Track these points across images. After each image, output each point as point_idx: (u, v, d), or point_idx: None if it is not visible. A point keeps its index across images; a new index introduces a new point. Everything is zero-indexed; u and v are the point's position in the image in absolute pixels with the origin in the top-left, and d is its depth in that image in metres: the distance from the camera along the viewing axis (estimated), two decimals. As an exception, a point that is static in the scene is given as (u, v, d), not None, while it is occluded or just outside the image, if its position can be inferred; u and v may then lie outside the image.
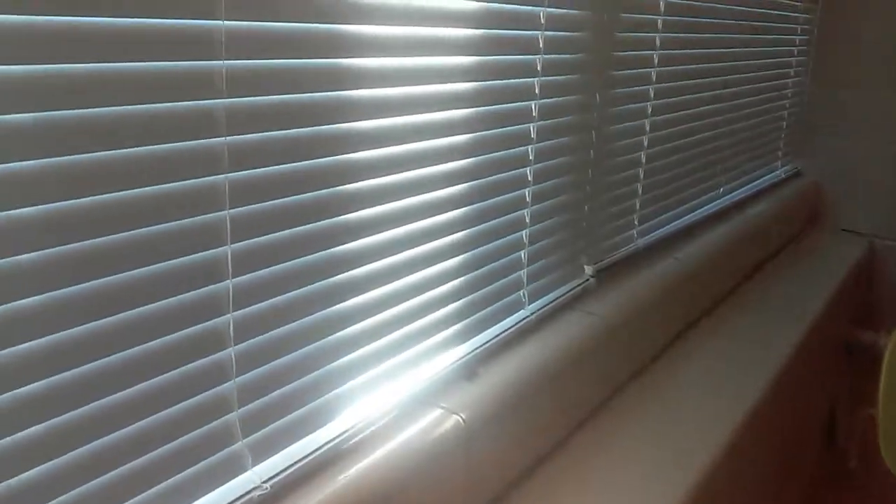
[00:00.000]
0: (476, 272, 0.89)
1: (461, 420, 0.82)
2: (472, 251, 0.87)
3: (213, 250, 0.58)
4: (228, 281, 0.59)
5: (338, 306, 0.70)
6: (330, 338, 0.70)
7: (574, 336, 1.03)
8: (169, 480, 0.58)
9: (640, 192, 1.23)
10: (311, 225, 0.65)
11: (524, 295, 1.00)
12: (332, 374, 0.71)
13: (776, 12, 1.66)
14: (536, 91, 0.91)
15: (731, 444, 1.06)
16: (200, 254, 0.57)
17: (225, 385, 0.61)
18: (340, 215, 0.68)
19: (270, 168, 0.61)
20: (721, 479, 1.04)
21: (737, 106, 1.54)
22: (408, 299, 0.79)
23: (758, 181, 1.80)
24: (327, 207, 0.67)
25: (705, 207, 1.51)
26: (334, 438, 0.70)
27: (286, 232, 0.63)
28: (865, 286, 2.04)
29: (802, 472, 1.84)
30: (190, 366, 0.58)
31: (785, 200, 1.87)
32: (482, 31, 0.80)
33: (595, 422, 1.08)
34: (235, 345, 0.61)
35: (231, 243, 0.59)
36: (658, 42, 1.17)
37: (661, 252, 1.33)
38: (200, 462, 0.60)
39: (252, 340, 0.62)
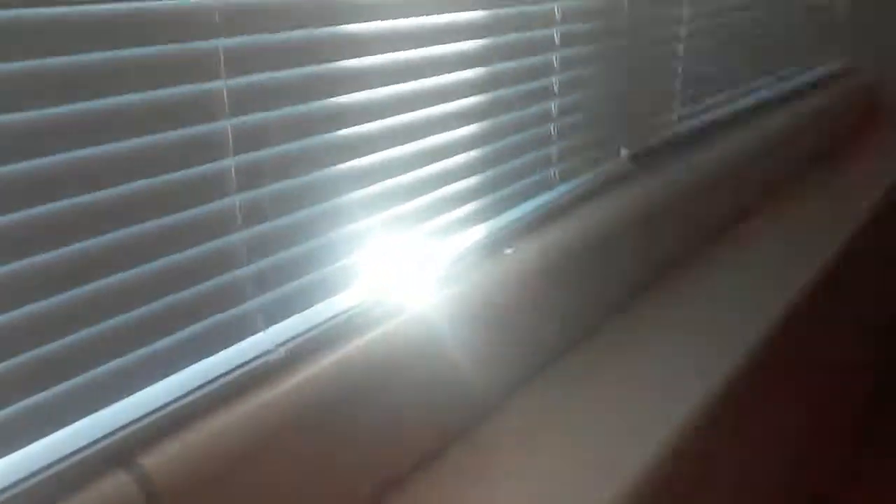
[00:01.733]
0: (500, 142, 0.83)
1: (473, 302, 0.77)
2: (495, 118, 0.81)
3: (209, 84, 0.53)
4: (226, 121, 0.55)
5: (348, 164, 0.65)
6: (343, 198, 0.65)
7: (605, 221, 0.97)
8: (178, 334, 0.55)
9: (679, 71, 1.15)
10: (320, 66, 0.60)
11: (554, 174, 0.94)
12: (345, 239, 0.67)
13: None
14: (561, -56, 0.84)
15: (762, 351, 0.99)
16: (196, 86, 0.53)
17: (232, 236, 0.57)
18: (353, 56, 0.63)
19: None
20: (748, 390, 0.98)
21: (786, -14, 1.43)
22: (424, 164, 0.74)
23: (810, 73, 1.68)
24: (339, 49, 0.61)
25: (751, 96, 1.42)
26: (349, 309, 0.66)
27: (293, 71, 0.58)
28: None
29: (850, 416, 1.76)
30: (194, 211, 0.54)
31: (839, 94, 1.75)
32: None
33: (623, 317, 1.02)
34: (239, 191, 0.57)
35: (227, 78, 0.54)
36: None
37: (704, 141, 1.26)
38: (211, 318, 0.57)
39: (257, 191, 0.58)
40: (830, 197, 1.50)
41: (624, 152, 1.07)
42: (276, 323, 0.62)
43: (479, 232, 0.83)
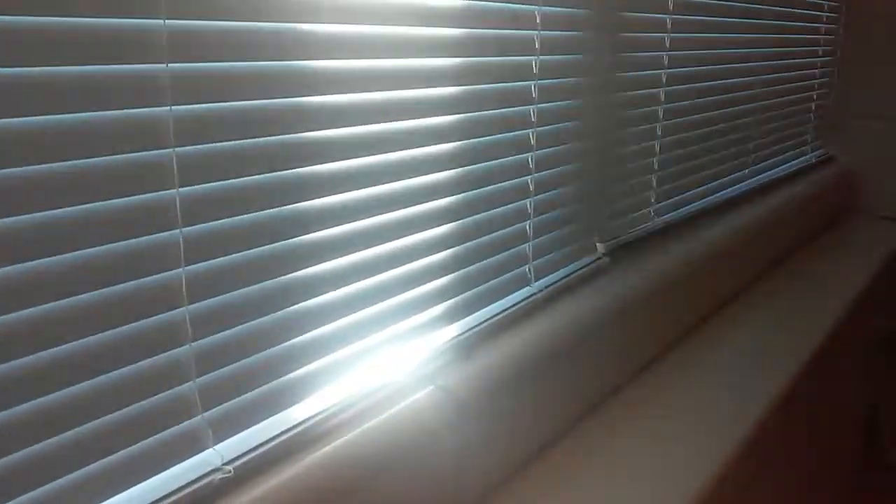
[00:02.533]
0: (473, 242, 0.82)
1: (453, 400, 0.75)
2: (467, 218, 0.80)
3: (160, 192, 0.52)
4: (178, 230, 0.53)
5: (307, 270, 0.63)
6: (299, 305, 0.63)
7: (583, 316, 0.96)
8: (121, 452, 0.52)
9: (656, 167, 1.15)
10: (275, 174, 0.59)
11: (530, 270, 0.93)
12: (304, 346, 0.64)
13: (801, -15, 1.57)
14: (537, 46, 0.85)
15: (751, 441, 0.97)
16: (148, 195, 0.51)
17: (181, 349, 0.55)
18: (309, 164, 0.62)
19: (215, 104, 0.55)
20: (740, 478, 0.96)
21: (759, 83, 1.46)
22: (392, 268, 0.72)
23: (786, 165, 1.71)
24: (296, 153, 0.60)
25: (729, 189, 1.43)
26: (309, 418, 0.64)
27: (246, 178, 0.57)
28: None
29: (840, 471, 1.73)
30: (141, 323, 0.52)
31: (815, 185, 1.77)
32: (472, -24, 0.74)
33: (604, 410, 1.00)
34: (190, 304, 0.55)
35: (179, 187, 0.53)
36: (671, 5, 1.10)
37: (681, 233, 1.25)
38: (156, 434, 0.54)
39: (209, 301, 0.56)
40: (810, 286, 1.50)
41: (600, 247, 1.06)
42: (226, 438, 0.59)
43: (453, 331, 0.81)
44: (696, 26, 1.18)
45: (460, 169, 0.78)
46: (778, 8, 1.47)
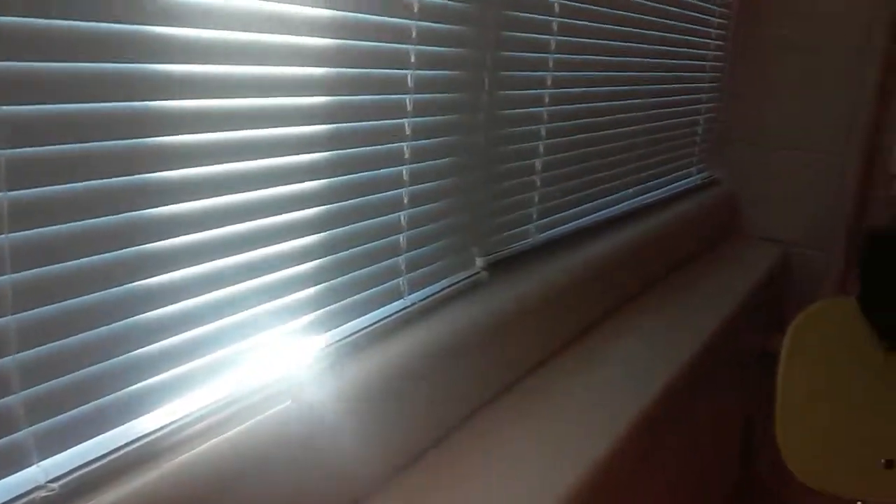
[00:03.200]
0: (341, 254, 0.81)
1: (311, 413, 0.74)
2: (335, 230, 0.80)
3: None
4: (4, 235, 0.51)
5: (153, 279, 0.61)
6: (142, 316, 0.61)
7: (457, 331, 0.96)
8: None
9: (538, 184, 1.18)
10: (123, 178, 0.57)
11: (403, 283, 0.93)
12: (149, 358, 0.62)
13: (689, 13, 1.64)
14: (412, 60, 0.85)
15: (626, 447, 1.00)
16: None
17: (4, 360, 0.52)
18: (150, 171, 0.60)
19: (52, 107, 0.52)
20: (610, 490, 0.98)
21: (645, 105, 1.51)
22: (251, 278, 0.70)
23: (670, 186, 1.77)
24: (148, 156, 0.58)
25: (613, 208, 1.47)
26: (148, 434, 0.61)
27: (86, 182, 0.55)
28: (783, 294, 2.03)
29: (718, 484, 1.80)
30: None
31: (698, 207, 1.85)
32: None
33: (475, 424, 1.00)
34: (15, 313, 0.52)
35: (8, 190, 0.50)
36: (555, 27, 1.13)
37: (562, 250, 1.28)
38: (-32, 453, 0.51)
39: (38, 311, 0.53)
40: (689, 302, 1.56)
41: (479, 261, 1.07)
42: (52, 455, 0.56)
43: (318, 343, 0.80)
44: (581, 47, 1.21)
45: (330, 179, 0.77)
46: (665, 34, 1.53)
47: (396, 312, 0.91)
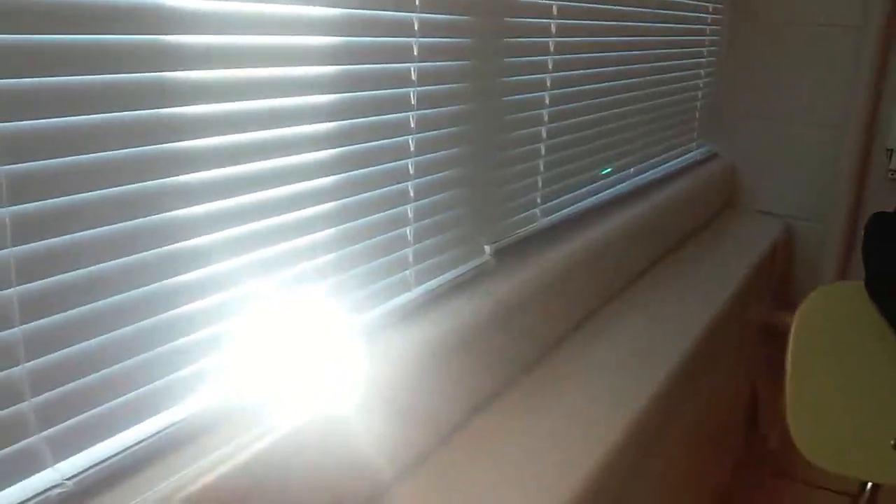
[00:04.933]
0: (349, 248, 0.81)
1: (330, 409, 0.74)
2: (344, 225, 0.80)
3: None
4: (9, 250, 0.51)
5: (151, 286, 0.62)
6: (153, 319, 0.61)
7: (467, 319, 0.97)
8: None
9: (541, 168, 1.18)
10: (140, 184, 0.57)
11: (411, 275, 0.93)
12: (156, 359, 0.63)
13: (686, -10, 1.63)
14: (415, 52, 0.84)
15: (638, 427, 1.01)
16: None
17: (13, 370, 0.52)
18: (172, 174, 0.60)
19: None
20: (625, 467, 1.00)
21: (645, 84, 1.51)
22: (254, 278, 0.71)
23: (672, 163, 1.77)
24: (165, 161, 0.58)
25: (616, 187, 1.47)
26: (157, 433, 0.62)
27: (98, 190, 0.55)
28: (784, 268, 2.04)
29: (726, 456, 1.82)
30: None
31: (699, 182, 1.85)
32: (345, -18, 0.73)
33: (492, 409, 1.01)
34: (23, 324, 0.52)
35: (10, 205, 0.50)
36: (555, 10, 1.12)
37: (568, 232, 1.28)
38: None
39: (45, 321, 0.54)
40: (693, 279, 1.56)
41: (487, 249, 1.08)
42: (66, 457, 0.56)
43: (329, 335, 0.80)
44: (581, 30, 1.21)
45: (337, 175, 0.77)
46: (663, 11, 1.52)
47: (405, 304, 0.91)
